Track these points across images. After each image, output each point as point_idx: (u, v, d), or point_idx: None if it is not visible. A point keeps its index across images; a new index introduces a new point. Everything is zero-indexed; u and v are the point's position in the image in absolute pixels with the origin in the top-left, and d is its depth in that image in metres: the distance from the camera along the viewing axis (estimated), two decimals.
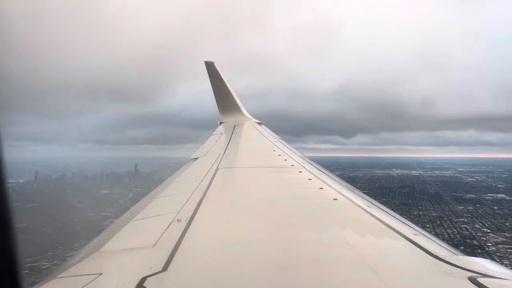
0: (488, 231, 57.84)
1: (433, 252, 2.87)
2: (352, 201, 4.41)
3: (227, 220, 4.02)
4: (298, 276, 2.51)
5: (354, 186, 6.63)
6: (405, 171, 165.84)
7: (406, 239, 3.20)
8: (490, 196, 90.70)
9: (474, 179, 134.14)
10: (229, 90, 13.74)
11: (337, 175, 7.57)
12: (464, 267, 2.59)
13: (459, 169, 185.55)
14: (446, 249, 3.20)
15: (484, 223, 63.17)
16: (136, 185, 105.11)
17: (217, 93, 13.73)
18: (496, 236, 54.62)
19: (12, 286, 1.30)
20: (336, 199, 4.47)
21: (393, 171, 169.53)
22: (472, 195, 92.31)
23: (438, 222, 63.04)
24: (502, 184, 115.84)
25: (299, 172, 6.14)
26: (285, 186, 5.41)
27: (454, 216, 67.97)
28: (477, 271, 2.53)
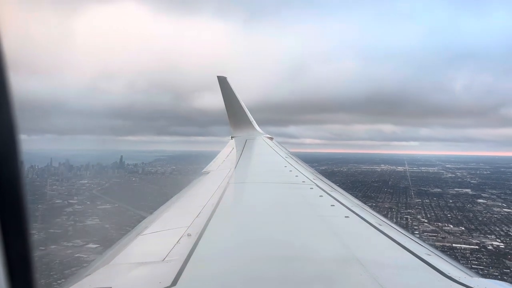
0: (426, 221, 61.23)
1: (447, 273, 2.81)
2: (363, 219, 4.39)
3: (237, 235, 4.05)
4: None
5: (365, 204, 6.84)
6: (391, 167, 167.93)
7: (419, 259, 3.16)
8: (454, 191, 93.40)
9: (453, 175, 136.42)
10: (240, 105, 13.70)
11: (322, 172, 7.67)
12: None
13: (447, 165, 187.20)
14: (461, 270, 3.18)
15: (428, 214, 66.55)
16: (118, 176, 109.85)
17: (229, 107, 13.71)
18: (429, 226, 58.02)
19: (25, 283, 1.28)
20: (347, 216, 4.46)
21: (380, 166, 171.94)
22: (438, 190, 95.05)
23: (385, 212, 66.30)
24: (476, 180, 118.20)
25: (310, 188, 6.13)
26: (296, 203, 5.43)
27: (404, 207, 71.29)
28: None
